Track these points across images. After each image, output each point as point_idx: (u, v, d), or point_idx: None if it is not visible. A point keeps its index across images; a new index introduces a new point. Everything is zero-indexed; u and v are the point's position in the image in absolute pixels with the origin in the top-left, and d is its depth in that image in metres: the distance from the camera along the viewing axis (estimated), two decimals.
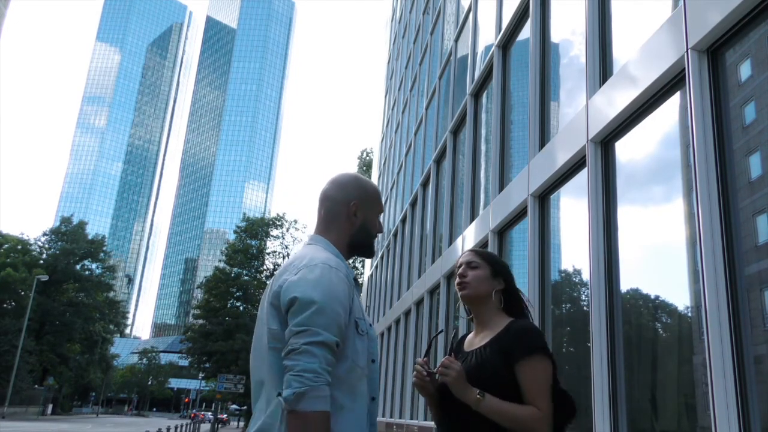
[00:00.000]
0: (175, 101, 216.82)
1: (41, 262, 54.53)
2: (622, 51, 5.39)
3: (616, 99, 5.01)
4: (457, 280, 2.21)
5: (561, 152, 6.17)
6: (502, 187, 8.44)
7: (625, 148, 5.13)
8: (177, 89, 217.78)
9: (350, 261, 2.17)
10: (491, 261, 2.20)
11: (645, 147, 4.89)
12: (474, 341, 2.16)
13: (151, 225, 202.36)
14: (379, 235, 2.21)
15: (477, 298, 2.17)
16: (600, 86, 5.47)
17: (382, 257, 23.02)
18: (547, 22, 7.52)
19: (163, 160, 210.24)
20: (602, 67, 5.62)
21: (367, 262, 29.91)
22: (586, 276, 5.41)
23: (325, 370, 1.67)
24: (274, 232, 50.38)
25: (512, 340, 1.99)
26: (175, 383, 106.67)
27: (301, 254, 1.93)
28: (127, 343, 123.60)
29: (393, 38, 28.69)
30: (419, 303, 14.15)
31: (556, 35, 7.31)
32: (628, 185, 5.12)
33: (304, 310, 1.72)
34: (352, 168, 53.47)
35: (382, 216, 2.17)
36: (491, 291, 2.15)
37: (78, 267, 57.63)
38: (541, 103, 7.29)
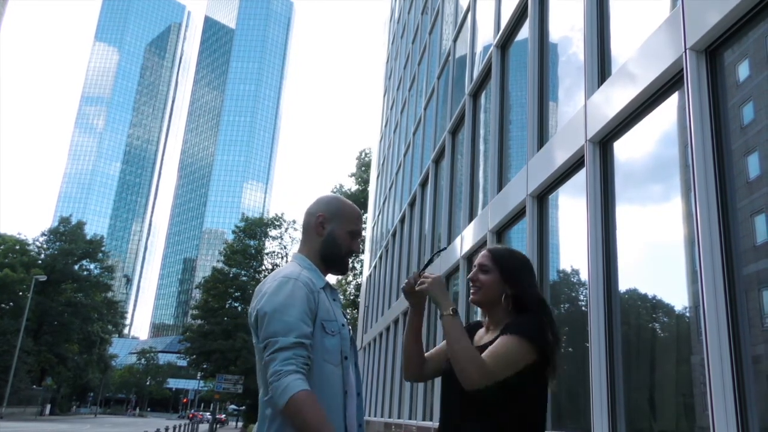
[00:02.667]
0: (173, 101, 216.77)
1: (39, 262, 54.49)
2: (620, 51, 5.39)
3: (614, 99, 5.02)
4: (471, 282, 2.26)
5: (559, 152, 6.18)
6: (500, 187, 8.44)
7: (623, 148, 5.13)
8: (175, 89, 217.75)
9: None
10: (502, 266, 2.20)
11: (643, 147, 4.89)
12: (484, 337, 2.19)
13: (150, 225, 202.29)
14: (354, 254, 2.34)
15: (486, 303, 2.20)
16: (598, 86, 5.47)
17: (380, 257, 23.03)
18: (545, 22, 7.52)
19: (162, 160, 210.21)
20: (601, 67, 5.62)
21: (366, 262, 29.92)
22: (584, 276, 5.41)
23: (285, 364, 1.84)
24: (273, 232, 50.42)
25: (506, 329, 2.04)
26: (173, 383, 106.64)
27: (273, 273, 2.14)
28: (125, 344, 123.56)
29: (392, 38, 28.70)
30: None
31: (554, 35, 7.32)
32: (626, 185, 5.12)
33: (262, 323, 1.96)
34: (350, 168, 53.54)
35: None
36: (500, 296, 2.16)
37: (76, 267, 57.62)
38: (539, 103, 7.29)
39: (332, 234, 2.19)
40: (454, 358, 1.95)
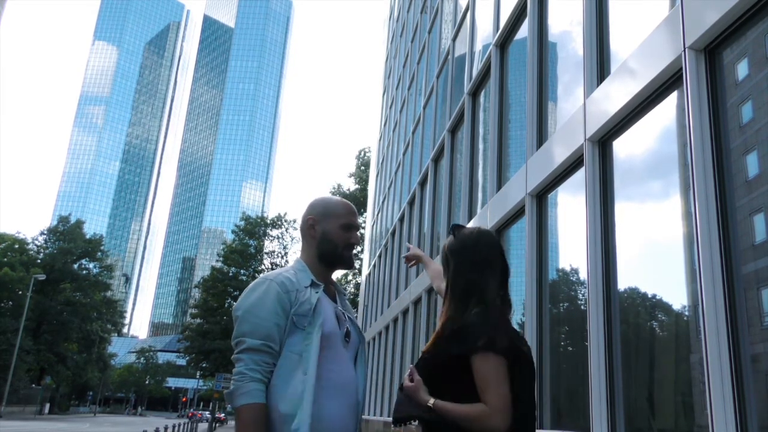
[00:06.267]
0: (172, 100, 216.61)
1: (38, 261, 54.45)
2: (619, 50, 5.39)
3: (613, 98, 5.02)
4: None
5: (558, 151, 6.18)
6: (499, 186, 8.44)
7: (622, 147, 5.13)
8: (174, 88, 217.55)
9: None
10: (445, 252, 2.15)
11: (642, 146, 4.89)
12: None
13: (149, 224, 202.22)
14: (356, 246, 2.34)
15: (440, 291, 2.19)
16: (597, 85, 5.47)
17: (380, 256, 23.02)
18: (544, 21, 7.52)
19: (161, 159, 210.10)
20: (599, 66, 5.62)
21: (365, 261, 29.91)
22: (583, 275, 5.42)
23: (252, 369, 1.95)
24: (274, 232, 50.41)
25: (452, 342, 1.92)
26: (172, 382, 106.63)
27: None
28: (124, 343, 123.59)
29: (391, 37, 28.68)
30: (417, 302, 14.15)
31: (553, 34, 7.32)
32: (625, 184, 5.12)
33: (234, 323, 2.06)
34: (350, 167, 53.55)
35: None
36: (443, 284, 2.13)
37: (75, 266, 57.56)
38: (538, 102, 7.29)
39: (325, 233, 2.23)
40: (473, 428, 1.85)
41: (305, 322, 2.05)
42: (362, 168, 44.78)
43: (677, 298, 4.28)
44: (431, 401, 1.89)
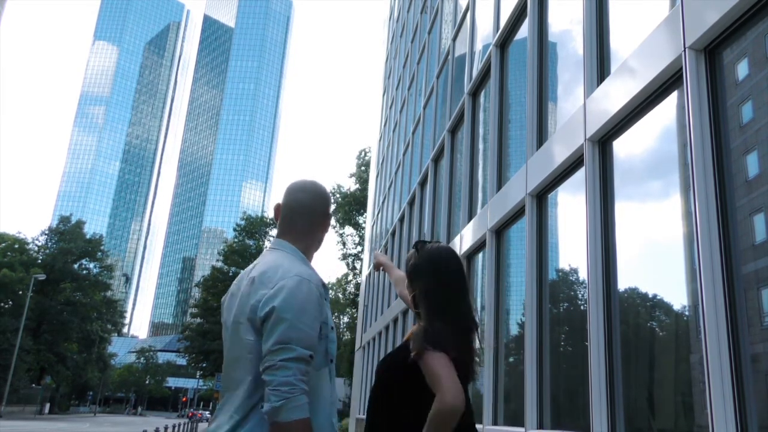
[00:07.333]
0: (172, 100, 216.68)
1: (39, 261, 54.50)
2: (619, 50, 5.39)
3: (613, 98, 5.02)
4: None
5: (559, 151, 6.18)
6: (499, 186, 8.44)
7: (622, 147, 5.13)
8: (174, 88, 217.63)
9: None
10: (408, 268, 2.14)
11: (642, 146, 4.89)
12: None
13: (149, 224, 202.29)
14: None
15: (402, 297, 2.18)
16: (597, 85, 5.47)
17: None
18: (544, 21, 7.52)
19: (161, 159, 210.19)
20: (600, 66, 5.62)
21: (365, 261, 29.90)
22: (583, 275, 5.41)
23: (300, 380, 1.79)
24: (274, 232, 50.42)
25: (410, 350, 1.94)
26: (172, 382, 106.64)
27: (273, 264, 2.00)
28: (124, 342, 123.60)
29: (391, 37, 28.68)
30: None
31: (553, 34, 7.32)
32: (625, 184, 5.12)
33: (278, 325, 1.83)
34: (350, 167, 53.49)
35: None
36: (410, 296, 2.12)
37: (75, 266, 57.63)
38: (538, 102, 7.29)
39: (324, 233, 2.19)
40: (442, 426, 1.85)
41: (327, 329, 1.98)
42: (362, 168, 44.77)
43: (677, 298, 4.28)
44: None
